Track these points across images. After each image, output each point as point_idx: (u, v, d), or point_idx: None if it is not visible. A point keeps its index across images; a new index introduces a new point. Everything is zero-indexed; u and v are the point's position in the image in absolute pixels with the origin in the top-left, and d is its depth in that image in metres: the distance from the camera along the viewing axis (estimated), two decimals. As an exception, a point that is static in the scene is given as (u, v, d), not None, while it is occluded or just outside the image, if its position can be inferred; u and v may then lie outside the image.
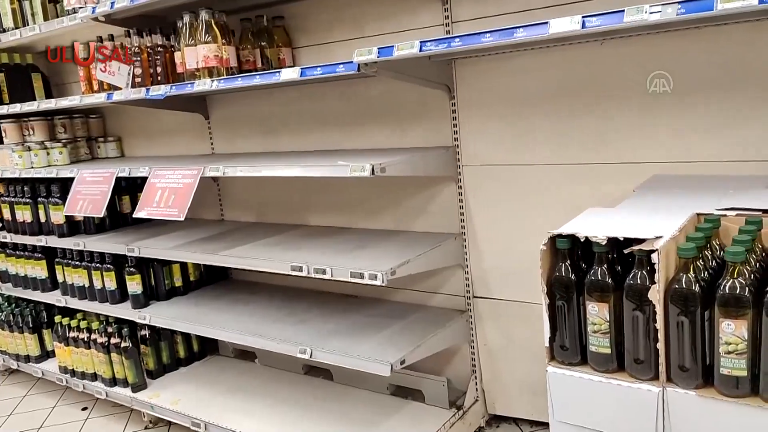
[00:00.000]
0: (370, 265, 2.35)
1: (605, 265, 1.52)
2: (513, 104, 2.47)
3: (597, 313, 1.53)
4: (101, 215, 2.98)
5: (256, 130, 3.32)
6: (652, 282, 1.41)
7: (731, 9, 1.46)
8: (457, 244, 2.70)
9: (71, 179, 3.24)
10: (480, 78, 2.54)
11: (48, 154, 3.66)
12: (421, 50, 1.98)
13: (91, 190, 3.06)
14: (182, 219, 2.59)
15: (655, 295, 1.41)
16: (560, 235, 1.57)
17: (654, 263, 1.40)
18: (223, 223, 3.53)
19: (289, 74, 2.28)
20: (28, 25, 3.42)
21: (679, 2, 1.54)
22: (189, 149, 3.66)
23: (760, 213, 1.57)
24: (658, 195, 1.94)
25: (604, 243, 1.48)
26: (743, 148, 2.07)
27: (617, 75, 2.24)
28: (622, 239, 1.47)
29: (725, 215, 1.60)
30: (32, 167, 3.60)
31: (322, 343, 2.57)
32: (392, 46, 2.03)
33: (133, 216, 2.80)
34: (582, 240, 1.53)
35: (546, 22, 1.73)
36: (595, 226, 1.60)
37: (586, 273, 1.55)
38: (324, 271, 2.38)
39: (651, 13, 1.56)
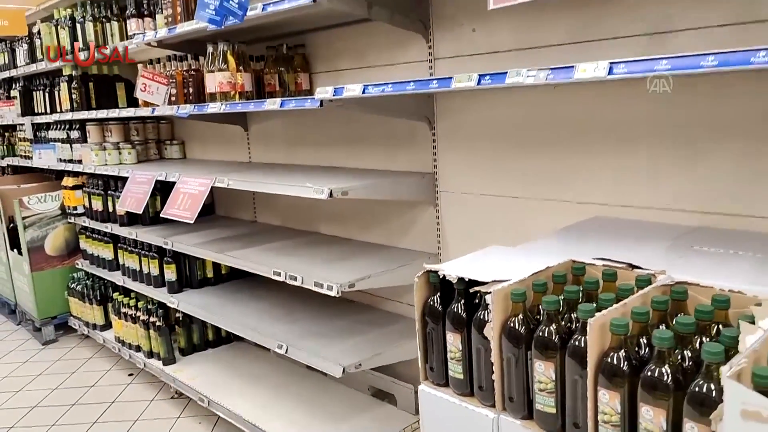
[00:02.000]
0: (335, 276, 2.63)
1: (462, 301, 1.71)
2: (484, 138, 2.65)
3: (452, 342, 1.73)
4: (140, 212, 3.49)
5: (282, 144, 3.70)
6: (488, 320, 1.59)
7: (585, 78, 1.60)
8: (432, 263, 2.89)
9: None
10: (457, 113, 2.73)
11: (120, 153, 4.26)
12: (363, 92, 2.23)
13: (137, 189, 3.58)
14: (191, 222, 3.01)
15: (490, 332, 1.59)
16: (431, 271, 1.77)
17: (488, 304, 1.58)
18: (253, 225, 3.95)
19: (270, 105, 2.60)
20: (108, 44, 4.02)
21: (550, 69, 1.69)
22: (232, 156, 4.11)
23: (618, 265, 1.68)
24: (568, 237, 2.07)
25: (454, 282, 1.68)
26: (673, 198, 2.13)
27: (569, 118, 2.35)
28: (467, 279, 1.66)
29: (593, 264, 1.73)
30: (105, 164, 4.21)
31: (299, 342, 2.88)
32: (342, 87, 2.30)
33: (160, 215, 3.26)
34: (444, 277, 1.73)
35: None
36: (470, 265, 1.79)
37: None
38: (295, 278, 2.70)
39: (528, 76, 1.72)
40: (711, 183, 2.02)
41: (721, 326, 1.37)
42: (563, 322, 1.51)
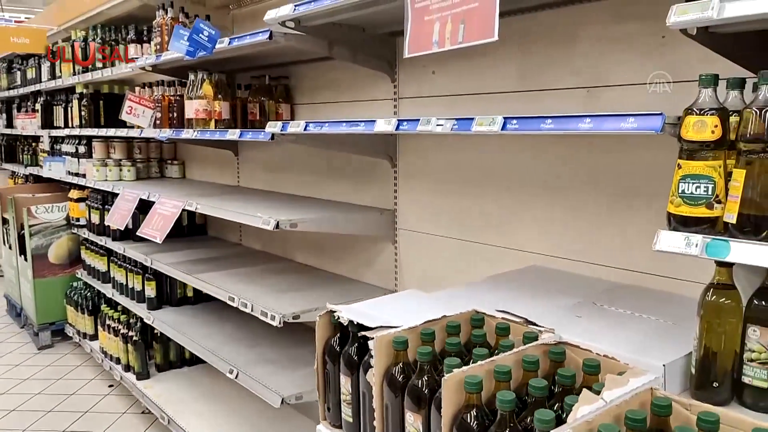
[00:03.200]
0: (283, 306, 2.67)
1: (356, 344, 1.71)
2: (442, 179, 2.66)
3: (344, 384, 1.73)
4: (122, 228, 3.61)
5: (267, 170, 3.78)
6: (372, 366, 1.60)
7: (482, 131, 1.61)
8: (386, 300, 2.90)
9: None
10: (417, 152, 2.76)
11: (120, 170, 4.42)
12: (305, 129, 2.28)
13: (124, 206, 3.71)
14: (160, 242, 3.09)
15: (372, 377, 1.59)
16: (333, 311, 1.79)
17: (370, 349, 1.59)
18: (237, 247, 4.03)
19: (230, 135, 2.68)
20: (115, 65, 4.20)
21: (455, 120, 1.71)
22: (225, 179, 4.22)
23: (514, 319, 1.67)
24: (492, 284, 2.06)
25: (345, 324, 1.69)
26: (604, 253, 2.09)
27: (515, 164, 2.35)
28: (355, 323, 1.67)
29: (493, 316, 1.72)
30: (106, 179, 4.37)
31: (251, 368, 2.91)
32: (288, 123, 2.36)
33: (136, 233, 3.37)
34: (338, 320, 1.74)
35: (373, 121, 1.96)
36: (373, 308, 1.80)
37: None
38: (245, 305, 2.74)
39: (437, 125, 1.74)
40: (639, 240, 1.99)
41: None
42: (438, 375, 1.50)
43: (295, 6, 2.30)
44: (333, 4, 2.14)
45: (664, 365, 1.38)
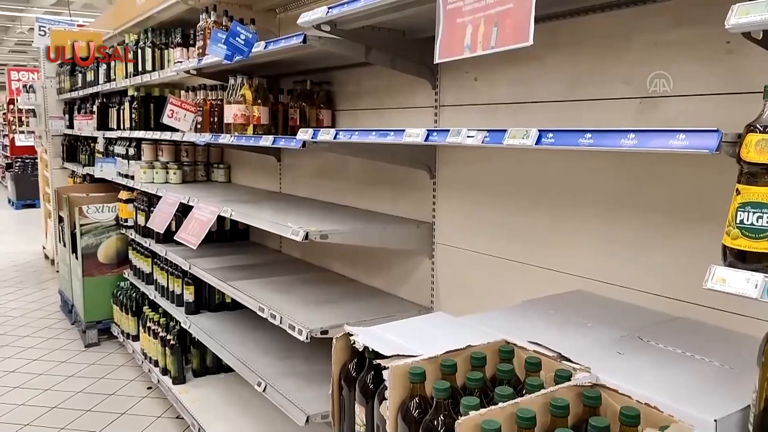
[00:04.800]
0: (312, 319, 2.57)
1: (372, 372, 1.59)
2: (483, 192, 2.50)
3: (359, 414, 1.61)
4: (162, 231, 3.60)
5: (308, 177, 3.71)
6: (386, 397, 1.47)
7: (514, 145, 1.46)
8: (421, 317, 2.77)
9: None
10: (457, 163, 2.61)
11: (167, 173, 4.44)
12: (335, 138, 2.17)
13: (165, 210, 3.70)
14: (195, 248, 3.05)
15: (386, 410, 1.46)
16: (349, 334, 1.67)
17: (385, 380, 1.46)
18: (277, 254, 3.97)
19: (264, 141, 2.61)
20: (164, 68, 4.23)
21: (487, 131, 1.57)
22: (267, 185, 4.17)
23: (549, 354, 1.50)
24: (529, 310, 1.89)
25: (360, 350, 1.57)
26: (656, 280, 1.89)
27: (564, 180, 2.17)
28: (371, 350, 1.54)
29: (525, 348, 1.56)
30: (152, 182, 4.40)
31: (280, 381, 2.83)
32: (318, 131, 2.26)
33: (174, 238, 3.34)
34: (354, 344, 1.62)
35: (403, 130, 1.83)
36: (394, 332, 1.68)
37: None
38: (275, 317, 2.66)
39: (468, 137, 1.61)
40: (696, 268, 1.78)
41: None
42: (456, 413, 1.36)
43: (329, 8, 2.20)
44: (367, 5, 2.03)
45: (715, 420, 1.19)
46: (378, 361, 1.50)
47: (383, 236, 2.65)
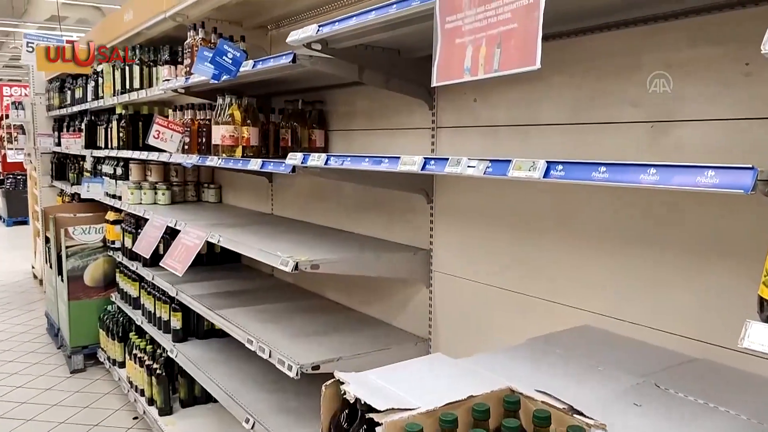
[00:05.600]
0: (304, 354, 2.42)
1: (364, 426, 1.44)
2: (482, 219, 2.37)
3: (350, 471, 1.46)
4: (147, 256, 3.45)
5: (299, 200, 3.57)
6: (380, 456, 1.32)
7: (519, 177, 1.33)
8: (418, 349, 2.63)
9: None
10: (456, 189, 2.48)
11: (156, 193, 4.30)
12: (325, 164, 2.04)
13: (151, 233, 3.56)
14: (180, 275, 2.91)
15: (378, 470, 1.32)
16: (340, 381, 1.53)
17: (378, 437, 1.31)
18: (269, 279, 3.82)
19: (252, 165, 2.47)
20: (152, 86, 4.10)
21: (489, 161, 1.44)
22: (259, 206, 4.03)
23: (559, 407, 1.36)
24: (535, 350, 1.75)
25: (352, 401, 1.43)
26: (673, 319, 1.76)
27: (568, 209, 2.05)
28: (363, 402, 1.40)
29: (532, 398, 1.42)
30: (140, 203, 4.26)
31: (269, 417, 2.67)
32: (308, 155, 2.13)
33: (159, 264, 3.20)
34: (344, 394, 1.48)
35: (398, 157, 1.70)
36: (388, 378, 1.54)
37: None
38: (263, 350, 2.51)
39: (468, 167, 1.48)
40: (717, 305, 1.65)
41: None
42: (458, 477, 1.22)
43: (320, 26, 2.08)
44: (360, 23, 1.91)
45: (751, 494, 1.05)
46: (371, 415, 1.36)
47: (378, 265, 2.51)
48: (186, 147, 3.31)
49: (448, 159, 1.53)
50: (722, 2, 1.58)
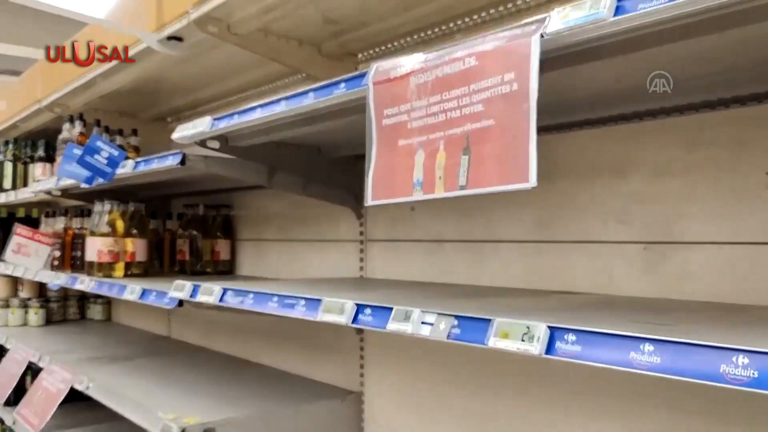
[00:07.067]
0: None
1: None
2: (428, 357, 1.88)
3: None
4: (2, 400, 2.72)
5: (201, 320, 2.97)
6: None
7: (508, 349, 0.85)
8: None
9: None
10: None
11: (26, 313, 3.57)
12: (220, 301, 1.51)
13: (9, 369, 2.84)
14: (35, 434, 2.22)
15: None
16: None
17: None
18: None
19: (128, 295, 1.90)
20: (27, 185, 3.47)
21: (456, 318, 0.96)
22: (153, 326, 3.38)
23: None
24: None
25: None
26: None
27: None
28: None
29: None
30: (6, 325, 3.52)
31: None
32: (198, 285, 1.60)
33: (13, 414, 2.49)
34: None
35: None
36: None
37: None
38: None
39: (422, 323, 0.99)
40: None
41: None
42: None
43: (215, 119, 1.61)
44: (266, 116, 1.46)
45: None
46: None
47: (297, 424, 1.93)
48: (56, 263, 2.67)
49: (392, 309, 1.04)
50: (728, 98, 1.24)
